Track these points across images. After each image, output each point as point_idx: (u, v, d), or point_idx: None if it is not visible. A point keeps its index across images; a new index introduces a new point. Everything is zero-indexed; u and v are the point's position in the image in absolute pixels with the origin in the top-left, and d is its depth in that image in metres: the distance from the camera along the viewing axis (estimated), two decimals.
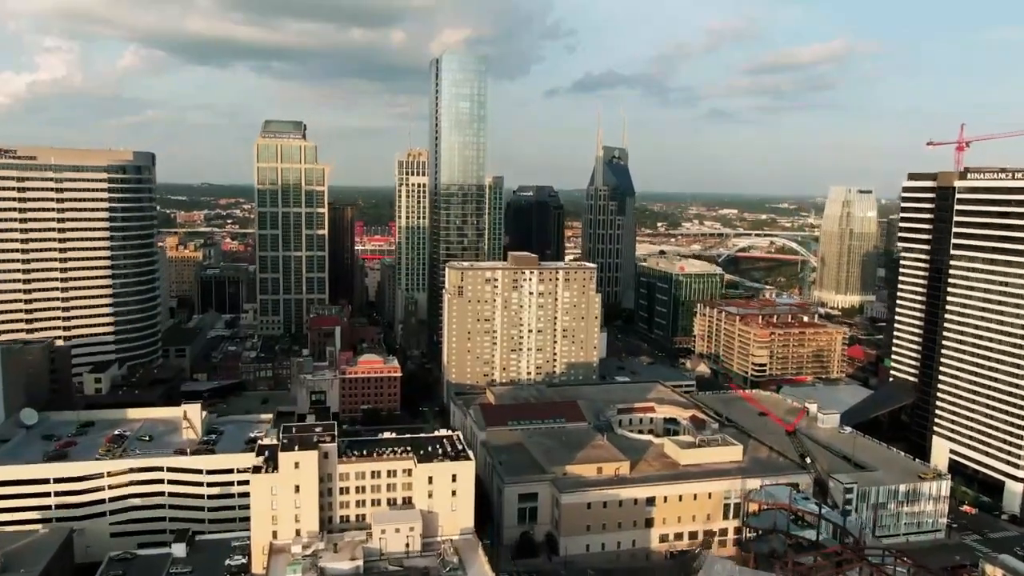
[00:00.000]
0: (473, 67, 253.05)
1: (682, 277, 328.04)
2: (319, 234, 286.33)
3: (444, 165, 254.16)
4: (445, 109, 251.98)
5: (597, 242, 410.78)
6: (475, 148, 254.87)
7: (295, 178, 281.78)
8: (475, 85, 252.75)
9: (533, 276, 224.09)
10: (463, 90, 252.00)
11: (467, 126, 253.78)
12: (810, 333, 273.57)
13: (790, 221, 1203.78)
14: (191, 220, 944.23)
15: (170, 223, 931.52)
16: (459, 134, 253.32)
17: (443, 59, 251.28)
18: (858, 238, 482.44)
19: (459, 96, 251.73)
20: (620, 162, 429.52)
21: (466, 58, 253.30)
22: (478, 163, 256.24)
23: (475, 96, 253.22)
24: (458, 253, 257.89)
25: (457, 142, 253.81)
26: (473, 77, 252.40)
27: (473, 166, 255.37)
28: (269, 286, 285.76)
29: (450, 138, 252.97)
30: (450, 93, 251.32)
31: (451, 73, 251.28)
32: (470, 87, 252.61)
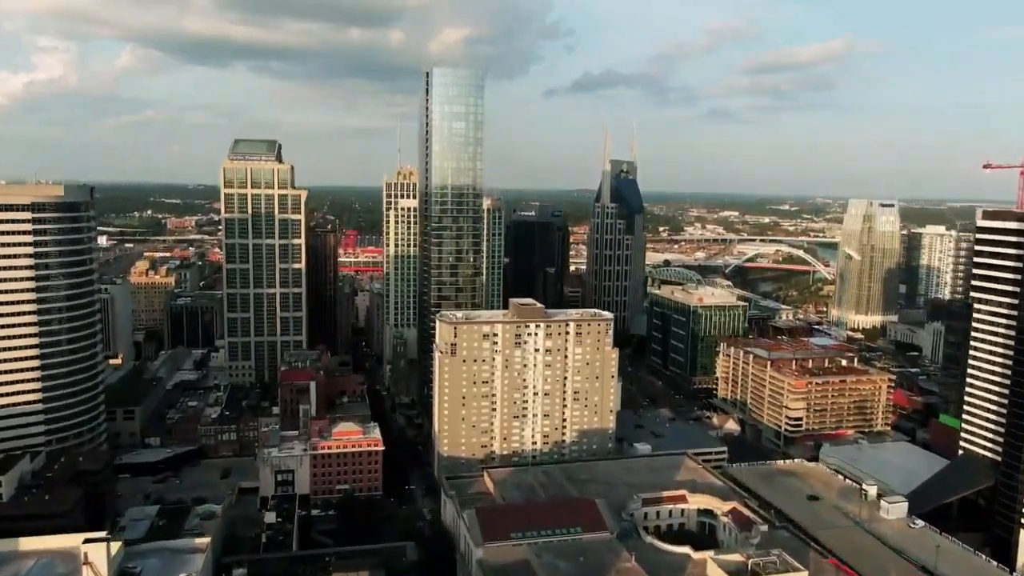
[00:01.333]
0: (468, 81, 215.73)
1: (701, 310, 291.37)
2: (295, 268, 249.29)
3: (436, 194, 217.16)
4: (436, 130, 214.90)
5: (604, 263, 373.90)
6: (471, 174, 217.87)
7: (268, 206, 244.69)
8: (471, 102, 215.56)
9: (539, 330, 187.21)
10: (457, 108, 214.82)
11: (462, 149, 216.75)
12: (852, 381, 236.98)
13: (792, 224, 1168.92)
14: (181, 227, 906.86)
15: (160, 229, 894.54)
16: (453, 158, 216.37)
17: (434, 73, 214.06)
18: (880, 254, 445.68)
19: (452, 115, 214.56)
20: (628, 176, 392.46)
21: (460, 72, 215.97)
22: (474, 190, 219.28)
23: (471, 114, 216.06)
24: (451, 295, 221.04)
25: (451, 168, 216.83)
26: (468, 93, 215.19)
27: (469, 195, 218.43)
28: (239, 327, 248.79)
29: (443, 163, 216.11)
30: (441, 112, 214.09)
31: (443, 88, 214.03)
32: (465, 104, 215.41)
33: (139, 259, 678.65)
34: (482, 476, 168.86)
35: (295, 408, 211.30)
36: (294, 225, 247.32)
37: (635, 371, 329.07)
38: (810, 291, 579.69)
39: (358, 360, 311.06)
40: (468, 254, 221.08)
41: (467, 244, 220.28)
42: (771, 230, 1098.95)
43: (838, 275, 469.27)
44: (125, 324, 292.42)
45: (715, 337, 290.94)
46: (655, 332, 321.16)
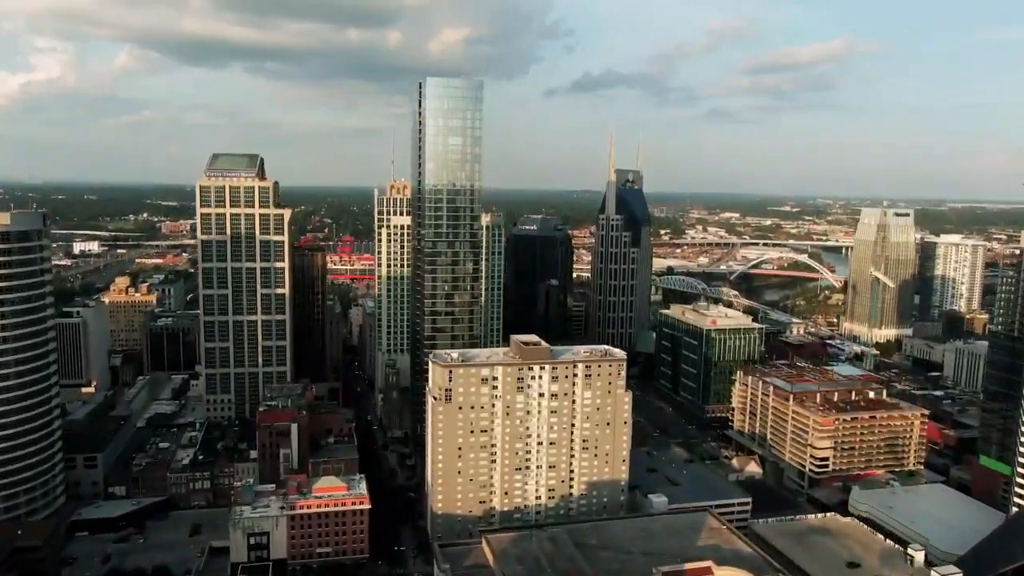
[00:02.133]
0: (465, 93, 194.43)
1: (714, 333, 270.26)
2: (279, 294, 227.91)
3: (429, 217, 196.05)
4: (430, 146, 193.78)
5: (608, 277, 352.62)
6: (468, 196, 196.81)
7: (248, 227, 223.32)
8: (468, 115, 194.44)
9: (544, 373, 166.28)
10: (452, 122, 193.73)
11: (458, 167, 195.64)
12: (883, 417, 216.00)
13: (795, 227, 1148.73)
14: (177, 231, 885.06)
15: (155, 233, 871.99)
16: (448, 177, 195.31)
17: (427, 84, 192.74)
18: (895, 265, 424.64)
19: (447, 130, 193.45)
20: (633, 186, 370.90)
21: (456, 82, 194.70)
22: (472, 212, 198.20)
23: (468, 129, 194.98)
24: (447, 326, 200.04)
25: (446, 188, 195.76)
26: (465, 106, 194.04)
27: (466, 217, 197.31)
28: (217, 358, 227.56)
29: (436, 182, 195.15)
30: (435, 126, 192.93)
31: (437, 101, 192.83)
32: (461, 117, 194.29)
33: (130, 266, 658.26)
34: (480, 544, 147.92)
35: (275, 452, 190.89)
36: (277, 247, 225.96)
37: (643, 395, 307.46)
38: (818, 300, 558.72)
39: (348, 386, 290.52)
40: (465, 282, 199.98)
41: (464, 271, 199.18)
42: (773, 233, 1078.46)
43: (850, 287, 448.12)
44: (99, 349, 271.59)
45: (729, 362, 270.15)
46: (664, 355, 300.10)
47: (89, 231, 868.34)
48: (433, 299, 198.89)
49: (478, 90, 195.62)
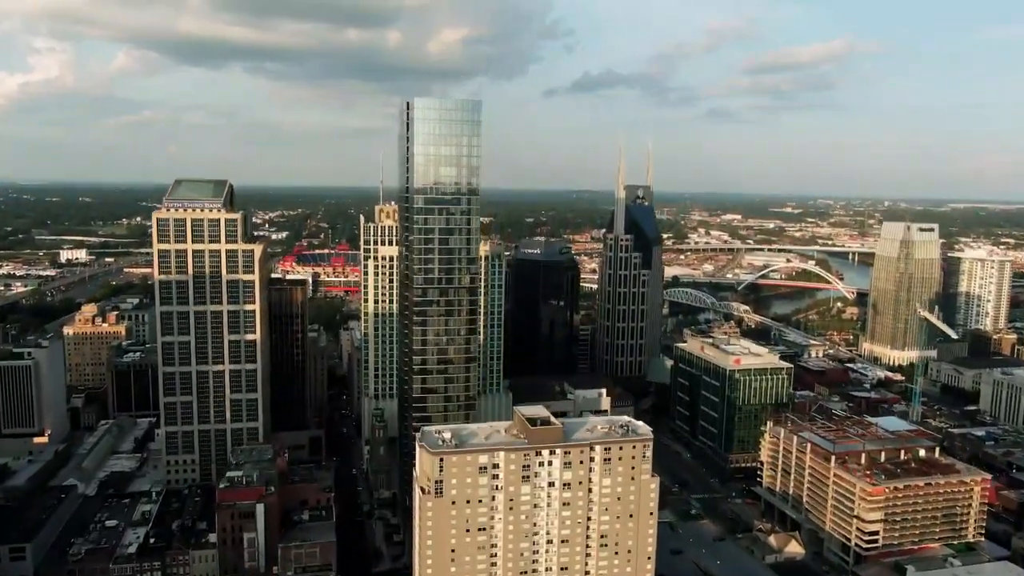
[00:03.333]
0: (460, 116, 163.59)
1: (739, 374, 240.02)
2: (248, 340, 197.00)
3: (419, 261, 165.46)
4: (420, 179, 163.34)
5: (617, 302, 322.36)
6: (465, 235, 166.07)
7: (213, 265, 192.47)
8: (463, 142, 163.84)
9: (555, 458, 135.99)
10: (445, 150, 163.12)
11: (451, 203, 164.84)
12: (939, 484, 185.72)
13: (798, 230, 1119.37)
14: None
15: (146, 239, 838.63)
16: (441, 214, 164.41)
17: (415, 106, 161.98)
18: (919, 284, 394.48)
19: (439, 160, 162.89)
20: (644, 202, 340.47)
21: (449, 104, 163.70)
22: (468, 254, 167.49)
23: (463, 158, 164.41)
24: (439, 387, 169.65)
25: (438, 226, 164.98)
26: (460, 131, 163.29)
27: (462, 259, 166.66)
28: (178, 413, 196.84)
29: (428, 217, 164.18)
30: (425, 156, 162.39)
31: (427, 125, 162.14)
32: (456, 145, 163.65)
33: (117, 276, 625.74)
34: None
35: (238, 537, 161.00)
36: (246, 287, 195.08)
37: (657, 435, 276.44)
38: (831, 314, 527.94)
39: (333, 429, 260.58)
40: (460, 335, 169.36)
41: (459, 322, 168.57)
42: (776, 236, 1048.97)
43: (870, 305, 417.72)
44: (54, 392, 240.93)
45: (755, 407, 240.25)
46: (681, 393, 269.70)
47: (80, 236, 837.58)
48: (423, 355, 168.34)
49: (475, 111, 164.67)
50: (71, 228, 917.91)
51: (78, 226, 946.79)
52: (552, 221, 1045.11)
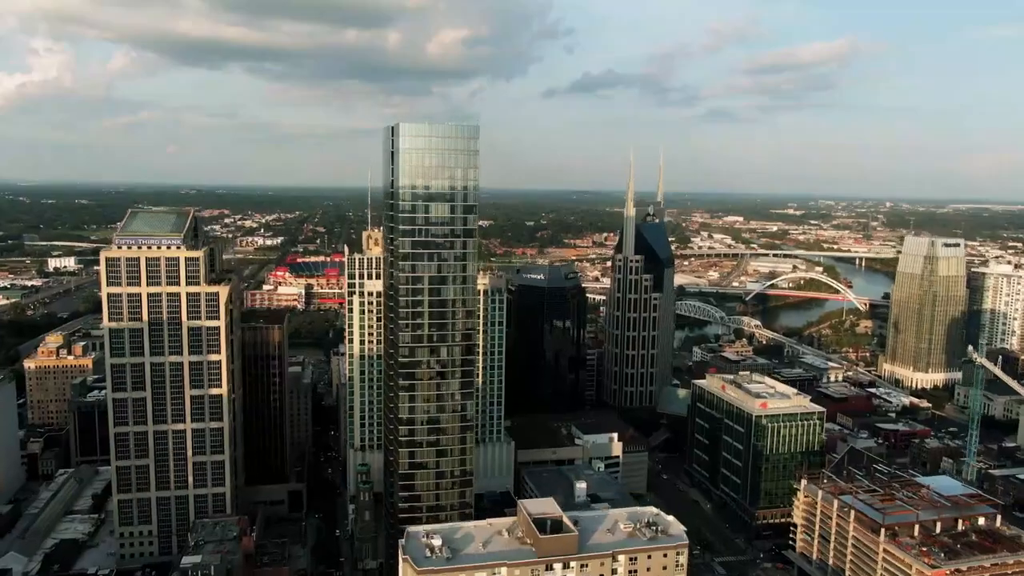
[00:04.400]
0: (456, 143, 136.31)
1: (766, 421, 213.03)
2: (214, 395, 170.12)
3: (406, 314, 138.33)
4: (406, 219, 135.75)
5: (627, 328, 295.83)
6: (459, 285, 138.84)
7: (172, 310, 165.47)
8: (459, 175, 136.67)
9: (570, 572, 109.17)
10: (437, 183, 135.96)
11: (446, 246, 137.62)
12: (1009, 566, 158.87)
13: (801, 232, 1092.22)
14: None
15: None
16: (432, 259, 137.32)
17: (401, 132, 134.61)
18: (944, 302, 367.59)
19: (429, 196, 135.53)
20: (655, 220, 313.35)
21: (441, 129, 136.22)
22: (465, 306, 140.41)
23: (459, 193, 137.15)
24: (429, 461, 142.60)
25: (428, 275, 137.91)
26: (455, 163, 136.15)
27: (458, 313, 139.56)
28: (134, 479, 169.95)
29: (417, 263, 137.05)
30: (413, 190, 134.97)
31: (416, 157, 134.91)
32: (450, 179, 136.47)
33: None
34: None
35: None
36: (211, 336, 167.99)
37: (672, 478, 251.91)
38: (844, 328, 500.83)
39: (317, 476, 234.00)
40: (455, 400, 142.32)
41: (453, 386, 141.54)
42: (780, 239, 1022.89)
43: (890, 323, 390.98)
44: (6, 438, 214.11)
45: (785, 457, 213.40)
46: (699, 435, 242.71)
47: (71, 242, 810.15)
48: (411, 425, 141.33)
49: (472, 138, 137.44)
50: (64, 233, 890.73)
51: (71, 231, 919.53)
52: (553, 226, 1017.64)
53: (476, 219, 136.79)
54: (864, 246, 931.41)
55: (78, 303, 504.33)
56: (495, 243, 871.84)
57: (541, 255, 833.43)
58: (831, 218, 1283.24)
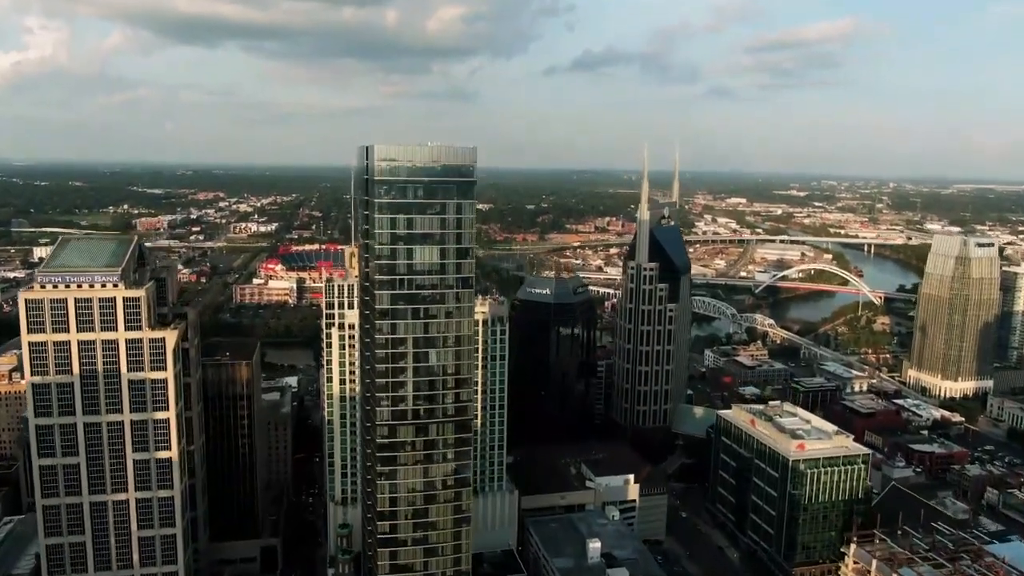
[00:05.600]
0: (446, 171, 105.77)
1: (804, 466, 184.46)
2: (162, 458, 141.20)
3: (384, 386, 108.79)
4: (385, 268, 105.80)
5: (640, 342, 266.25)
6: (452, 348, 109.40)
7: (109, 360, 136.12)
8: (452, 223, 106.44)
9: None
10: (423, 223, 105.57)
11: (434, 300, 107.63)
12: None
13: (806, 215, 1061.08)
14: (152, 228, 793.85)
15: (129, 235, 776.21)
16: (419, 321, 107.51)
17: (376, 156, 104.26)
18: (976, 307, 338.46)
19: (412, 239, 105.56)
20: (669, 222, 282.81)
21: (427, 155, 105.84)
22: (457, 376, 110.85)
23: (451, 233, 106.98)
24: (415, 563, 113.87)
25: (412, 338, 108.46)
26: (447, 194, 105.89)
27: (447, 383, 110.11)
28: (67, 559, 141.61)
29: (396, 328, 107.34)
30: (392, 234, 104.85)
31: (395, 192, 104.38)
32: (441, 216, 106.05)
33: None
34: None
35: None
36: (156, 389, 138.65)
37: (691, 516, 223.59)
38: (860, 324, 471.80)
39: (297, 520, 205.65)
40: (448, 487, 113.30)
41: (444, 469, 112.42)
42: (785, 223, 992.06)
43: (916, 327, 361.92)
44: None
45: (825, 506, 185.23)
46: (724, 473, 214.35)
47: (61, 228, 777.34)
48: (392, 519, 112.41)
49: (468, 163, 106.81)
50: (54, 218, 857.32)
51: (62, 215, 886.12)
52: (554, 209, 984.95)
53: (472, 264, 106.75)
54: (871, 231, 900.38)
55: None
56: (495, 228, 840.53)
57: (542, 241, 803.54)
58: (835, 200, 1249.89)
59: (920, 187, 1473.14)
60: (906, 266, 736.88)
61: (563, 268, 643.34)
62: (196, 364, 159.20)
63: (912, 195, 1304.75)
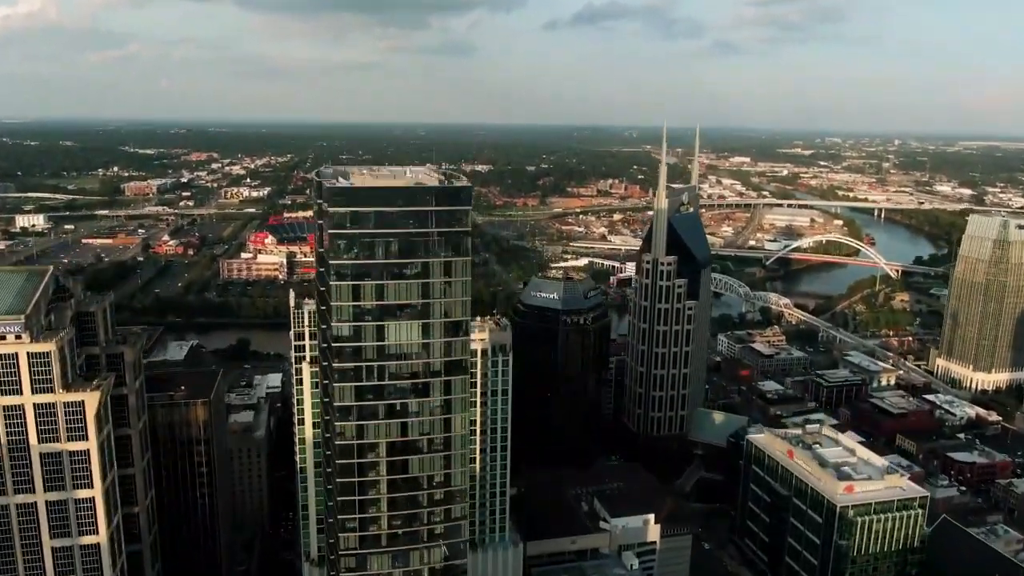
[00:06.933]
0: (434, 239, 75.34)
1: (853, 512, 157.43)
2: (87, 544, 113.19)
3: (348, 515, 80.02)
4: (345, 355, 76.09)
5: (655, 343, 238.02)
6: (440, 454, 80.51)
7: (14, 429, 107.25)
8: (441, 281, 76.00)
9: None
10: (398, 298, 75.46)
11: (416, 394, 78.21)
12: None
13: (812, 175, 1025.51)
14: (141, 192, 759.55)
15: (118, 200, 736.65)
16: (396, 422, 78.33)
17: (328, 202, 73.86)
18: (1014, 293, 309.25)
19: (386, 311, 75.46)
20: (688, 209, 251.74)
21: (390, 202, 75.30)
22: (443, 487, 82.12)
23: (439, 303, 76.87)
24: None
25: (386, 443, 79.17)
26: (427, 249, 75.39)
27: (435, 496, 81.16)
28: None
29: (364, 433, 77.89)
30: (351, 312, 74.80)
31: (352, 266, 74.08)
32: (412, 286, 75.77)
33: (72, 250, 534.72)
34: None
35: None
36: (77, 463, 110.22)
37: (714, 548, 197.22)
38: (878, 302, 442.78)
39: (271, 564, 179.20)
40: None
41: None
42: (791, 185, 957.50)
43: (947, 314, 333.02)
44: None
45: (876, 558, 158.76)
46: (754, 505, 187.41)
47: (47, 193, 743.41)
48: None
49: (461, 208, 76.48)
50: (42, 182, 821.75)
51: (50, 179, 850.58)
52: (554, 171, 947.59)
53: (468, 344, 77.36)
54: (880, 193, 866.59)
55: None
56: (494, 192, 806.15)
57: (543, 205, 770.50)
58: (841, 159, 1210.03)
59: (926, 145, 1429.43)
60: (918, 232, 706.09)
61: (566, 238, 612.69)
62: (139, 412, 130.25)
63: (918, 153, 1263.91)
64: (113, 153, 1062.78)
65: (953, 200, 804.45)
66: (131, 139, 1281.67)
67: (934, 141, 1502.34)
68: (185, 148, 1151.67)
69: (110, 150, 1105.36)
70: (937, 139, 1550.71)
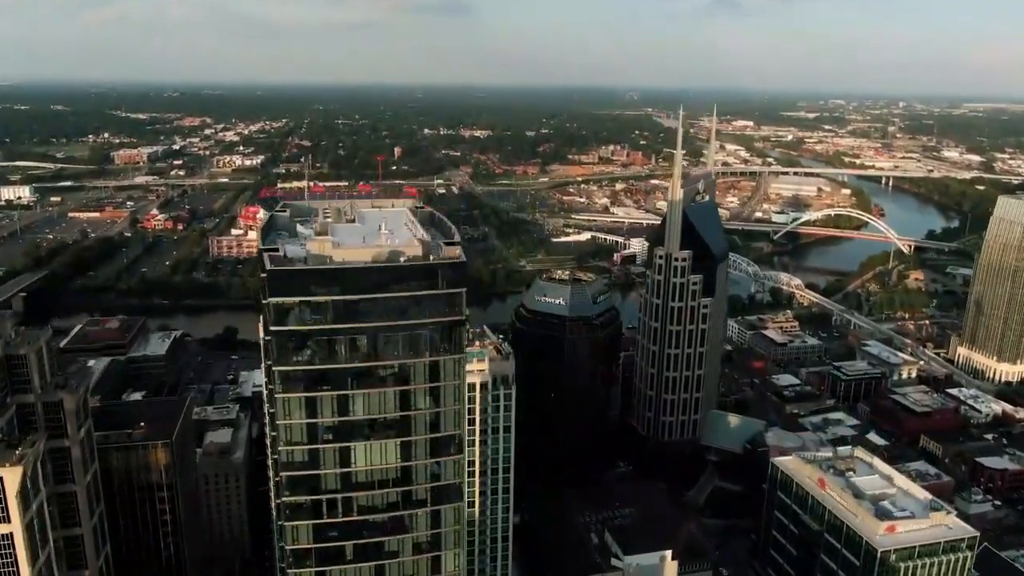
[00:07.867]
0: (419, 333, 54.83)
1: (895, 557, 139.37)
2: None
3: None
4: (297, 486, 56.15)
5: (666, 343, 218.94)
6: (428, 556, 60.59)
7: None
8: (425, 388, 55.77)
9: None
10: (368, 412, 55.33)
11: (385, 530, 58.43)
12: None
13: (817, 140, 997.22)
14: (132, 161, 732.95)
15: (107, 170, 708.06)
16: (366, 567, 58.53)
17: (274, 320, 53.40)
18: None
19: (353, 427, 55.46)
20: (704, 198, 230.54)
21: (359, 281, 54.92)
22: None
23: (423, 416, 56.78)
24: None
25: None
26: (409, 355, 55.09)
27: None
28: None
29: None
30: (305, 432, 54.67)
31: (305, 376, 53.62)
32: (389, 395, 55.62)
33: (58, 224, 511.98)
34: None
35: None
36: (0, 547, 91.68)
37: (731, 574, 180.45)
38: (892, 280, 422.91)
39: None
40: None
41: None
42: (796, 150, 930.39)
43: (970, 302, 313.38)
44: None
45: None
46: (780, 534, 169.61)
47: (35, 162, 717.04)
48: None
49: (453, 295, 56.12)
50: (31, 149, 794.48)
51: (39, 146, 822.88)
52: (554, 136, 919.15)
53: (463, 464, 57.70)
54: (887, 159, 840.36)
55: (17, 253, 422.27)
56: (493, 160, 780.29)
57: (543, 173, 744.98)
58: (846, 122, 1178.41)
59: (931, 107, 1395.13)
60: (927, 201, 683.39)
61: (567, 209, 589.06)
62: (86, 463, 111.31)
63: (924, 116, 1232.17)
64: (104, 118, 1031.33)
65: (962, 167, 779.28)
66: (124, 102, 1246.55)
67: (939, 103, 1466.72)
68: (178, 112, 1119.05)
69: (101, 114, 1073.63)
70: (942, 101, 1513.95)
